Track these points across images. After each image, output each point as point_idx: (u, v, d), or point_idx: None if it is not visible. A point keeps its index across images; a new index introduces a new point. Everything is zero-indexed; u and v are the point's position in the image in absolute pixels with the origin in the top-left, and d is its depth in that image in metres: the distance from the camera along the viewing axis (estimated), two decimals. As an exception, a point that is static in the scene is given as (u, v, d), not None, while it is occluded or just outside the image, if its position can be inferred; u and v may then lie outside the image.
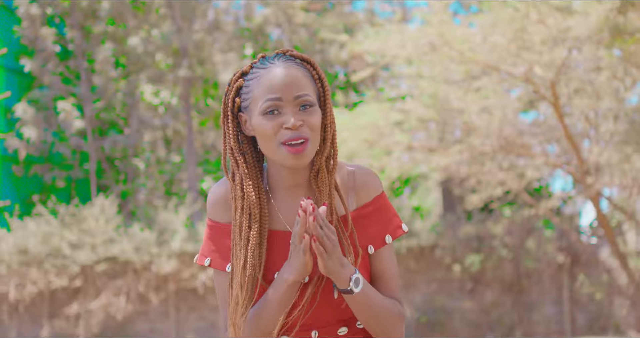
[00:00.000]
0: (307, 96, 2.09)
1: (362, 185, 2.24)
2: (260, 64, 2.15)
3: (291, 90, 2.08)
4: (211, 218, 2.24)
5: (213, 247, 2.23)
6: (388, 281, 2.26)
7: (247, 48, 19.24)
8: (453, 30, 9.80)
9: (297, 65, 2.14)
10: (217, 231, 2.23)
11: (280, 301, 2.11)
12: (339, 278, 2.09)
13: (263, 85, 2.09)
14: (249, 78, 2.15)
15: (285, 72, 2.10)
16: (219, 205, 2.22)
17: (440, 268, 13.61)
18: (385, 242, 2.24)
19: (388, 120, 11.28)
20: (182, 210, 13.85)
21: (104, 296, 13.09)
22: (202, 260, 2.24)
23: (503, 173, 11.46)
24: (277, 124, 2.07)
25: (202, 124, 19.61)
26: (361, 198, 2.24)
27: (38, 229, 13.09)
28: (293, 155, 2.07)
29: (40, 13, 15.61)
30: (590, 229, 13.94)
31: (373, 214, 2.24)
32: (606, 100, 9.62)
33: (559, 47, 8.79)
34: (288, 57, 2.16)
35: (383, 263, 2.25)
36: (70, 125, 15.34)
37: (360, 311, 2.15)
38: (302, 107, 2.09)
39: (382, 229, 2.24)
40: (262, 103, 2.08)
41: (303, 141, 2.08)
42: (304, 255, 2.06)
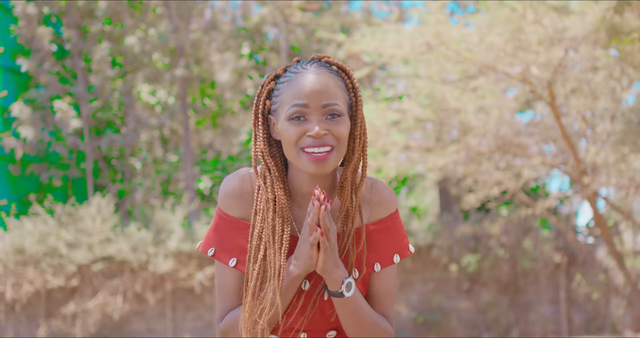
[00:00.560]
0: (335, 105, 2.06)
1: (379, 200, 2.22)
2: (293, 67, 2.13)
3: (319, 98, 2.05)
4: (222, 209, 2.23)
5: (219, 238, 2.23)
6: (383, 299, 2.24)
7: (244, 47, 19.23)
8: (450, 30, 9.79)
9: (331, 73, 2.11)
10: (226, 223, 2.22)
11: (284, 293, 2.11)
12: (331, 279, 2.08)
13: (292, 89, 2.07)
14: (281, 81, 2.13)
15: (315, 79, 2.07)
16: (233, 198, 2.21)
17: (437, 268, 13.62)
18: (394, 261, 2.23)
19: (385, 120, 11.27)
20: (179, 209, 13.84)
21: (101, 295, 13.07)
22: (205, 248, 2.24)
23: (500, 173, 11.46)
24: (301, 130, 2.05)
25: (199, 124, 19.59)
26: (376, 213, 2.22)
27: (34, 228, 13.08)
28: (314, 162, 2.04)
29: (36, 12, 15.59)
30: (587, 229, 13.95)
31: (385, 231, 2.23)
32: (603, 100, 9.62)
33: (556, 47, 8.79)
34: (323, 64, 2.13)
35: (383, 281, 2.24)
36: (67, 124, 15.32)
37: (347, 318, 2.13)
38: (330, 116, 2.06)
39: (391, 247, 2.24)
40: (289, 108, 2.06)
41: (329, 150, 2.05)
42: (311, 249, 2.04)
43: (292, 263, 2.09)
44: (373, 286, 2.23)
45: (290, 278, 2.09)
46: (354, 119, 2.13)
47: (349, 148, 2.14)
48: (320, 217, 2.01)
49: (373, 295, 2.23)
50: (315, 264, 2.07)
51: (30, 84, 16.06)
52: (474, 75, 10.94)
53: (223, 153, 19.38)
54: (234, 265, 2.18)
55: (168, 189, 18.40)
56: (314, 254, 2.04)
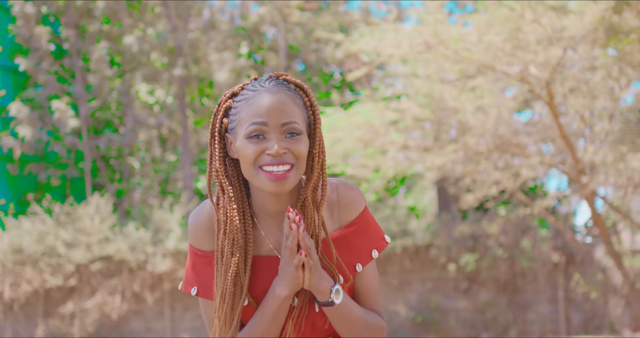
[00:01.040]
0: (294, 124, 2.04)
1: (346, 203, 2.20)
2: (251, 86, 2.10)
3: (278, 116, 2.02)
4: (195, 246, 2.19)
5: (198, 276, 2.20)
6: (370, 295, 2.24)
7: (243, 47, 19.23)
8: (448, 30, 9.79)
9: (289, 91, 2.08)
10: (201, 259, 2.19)
11: (274, 316, 2.10)
12: (319, 291, 2.07)
13: (250, 107, 2.04)
14: (238, 99, 2.09)
15: (274, 97, 2.04)
16: (201, 232, 2.17)
17: (435, 267, 13.62)
18: (372, 256, 2.22)
19: (383, 120, 11.27)
20: (178, 209, 13.83)
21: (99, 295, 13.07)
22: (188, 289, 2.21)
23: (498, 172, 11.47)
24: (259, 148, 2.02)
25: (198, 123, 19.59)
26: (346, 216, 2.21)
27: (33, 228, 13.07)
28: (273, 180, 2.02)
29: (35, 12, 15.58)
30: (585, 228, 13.95)
31: (359, 231, 2.22)
32: (601, 99, 9.63)
33: (554, 46, 8.80)
34: (281, 82, 2.10)
35: (366, 278, 2.23)
36: (65, 124, 15.31)
37: (341, 323, 2.13)
38: (289, 135, 2.04)
39: (368, 245, 2.23)
40: (247, 126, 2.03)
41: (288, 168, 2.03)
42: (296, 270, 2.04)
43: (278, 285, 2.08)
44: (358, 285, 2.23)
45: (280, 301, 2.08)
46: (313, 137, 2.10)
47: (308, 166, 2.11)
48: (300, 238, 2.01)
49: (360, 293, 2.23)
50: (302, 283, 2.07)
51: (28, 83, 16.05)
52: (473, 75, 10.94)
53: (221, 152, 19.34)
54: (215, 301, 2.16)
55: (166, 189, 18.39)
56: (299, 275, 2.04)
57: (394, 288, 13.54)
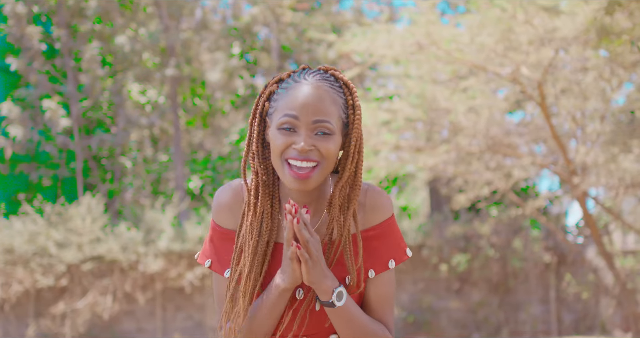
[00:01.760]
0: (326, 123, 2.02)
1: (373, 206, 2.18)
2: (297, 75, 2.09)
3: (312, 113, 2.01)
4: (215, 221, 2.20)
5: (214, 249, 2.20)
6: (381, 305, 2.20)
7: (235, 47, 19.21)
8: (440, 30, 9.80)
9: (331, 87, 2.06)
10: (220, 235, 2.20)
11: (272, 307, 2.10)
12: (320, 289, 2.06)
13: (288, 98, 2.04)
14: (283, 86, 2.09)
15: (312, 92, 2.02)
16: (224, 210, 2.18)
17: (427, 267, 13.63)
18: (388, 266, 2.19)
19: (375, 120, 11.27)
20: (169, 209, 13.81)
21: (91, 295, 13.04)
22: (202, 260, 2.21)
23: (490, 173, 11.48)
24: (288, 141, 2.02)
25: (190, 123, 19.56)
26: (370, 219, 2.18)
27: (24, 228, 13.03)
28: (295, 178, 2.02)
29: (26, 11, 15.53)
30: (576, 229, 13.98)
31: (380, 237, 2.19)
32: (593, 100, 9.64)
33: (546, 47, 8.81)
34: (326, 77, 2.09)
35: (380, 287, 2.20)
36: (57, 123, 15.27)
37: (341, 327, 2.11)
38: (320, 133, 2.02)
39: (387, 253, 2.20)
40: (281, 117, 2.03)
41: (313, 166, 2.02)
42: (291, 262, 2.03)
43: (279, 276, 2.07)
44: (369, 293, 2.20)
45: (278, 291, 2.07)
46: (350, 137, 2.08)
47: (341, 165, 2.10)
48: (295, 230, 1.99)
49: (369, 302, 2.20)
50: (300, 277, 2.05)
51: (19, 83, 16.00)
52: (465, 76, 10.95)
53: (213, 153, 19.35)
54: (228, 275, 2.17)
55: (158, 189, 18.36)
56: (295, 268, 2.02)
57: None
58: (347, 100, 2.09)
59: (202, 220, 13.76)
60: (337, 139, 2.05)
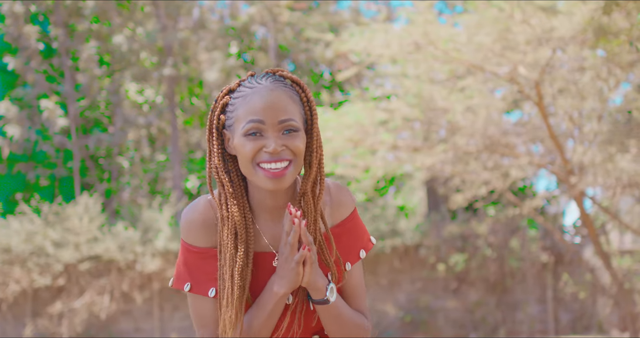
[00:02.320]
0: (291, 121, 2.04)
1: (338, 203, 2.22)
2: (248, 82, 2.10)
3: (275, 114, 2.03)
4: (188, 242, 2.18)
5: (191, 272, 2.18)
6: (356, 295, 2.25)
7: (232, 47, 19.21)
8: (438, 30, 9.80)
9: (285, 87, 2.08)
10: (195, 256, 2.18)
11: (270, 314, 2.11)
12: (316, 288, 2.09)
13: (248, 105, 2.04)
14: (235, 96, 2.10)
15: (271, 95, 2.04)
16: (195, 229, 2.16)
17: (425, 267, 13.63)
18: (360, 256, 2.24)
19: (373, 120, 11.27)
20: (167, 208, 13.81)
21: (88, 295, 13.04)
22: (179, 285, 2.19)
23: (487, 172, 11.48)
24: (257, 146, 2.03)
25: (187, 123, 19.56)
26: (336, 216, 2.22)
27: (21, 228, 13.02)
28: (271, 178, 2.03)
29: (24, 10, 15.52)
30: (574, 229, 13.99)
31: (349, 231, 2.23)
32: (590, 100, 9.64)
33: (543, 47, 8.81)
34: (277, 78, 2.10)
35: (353, 278, 2.24)
36: (54, 123, 15.26)
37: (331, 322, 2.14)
38: (286, 131, 2.04)
39: (356, 244, 2.24)
40: (245, 124, 2.03)
41: (286, 165, 2.04)
42: (297, 266, 2.04)
43: (276, 283, 2.08)
44: (345, 284, 2.24)
45: (277, 298, 2.08)
46: (310, 132, 2.11)
47: (306, 161, 2.12)
48: (302, 233, 2.01)
49: (347, 293, 2.24)
50: (301, 280, 2.07)
51: (17, 82, 15.99)
52: (462, 75, 10.95)
53: (211, 152, 19.32)
54: (213, 295, 2.15)
55: (155, 188, 18.36)
56: (300, 271, 2.04)
57: (383, 288, 13.55)
58: (301, 97, 2.12)
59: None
60: (303, 135, 2.08)
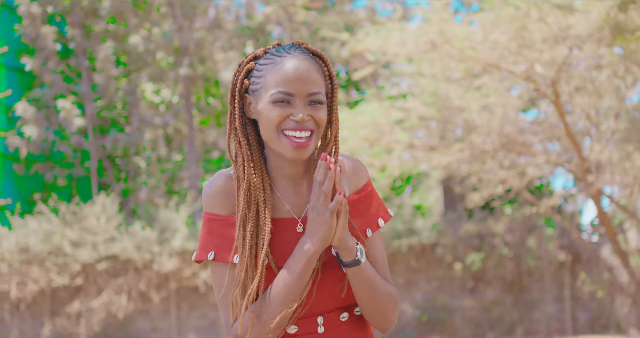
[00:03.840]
0: (319, 94, 2.11)
1: (352, 172, 2.26)
2: (275, 50, 2.16)
3: (306, 86, 2.09)
4: (210, 211, 2.21)
5: (215, 240, 2.20)
6: (381, 264, 2.26)
7: (248, 46, 19.23)
8: (454, 29, 9.79)
9: (311, 60, 2.15)
10: (217, 223, 2.20)
11: (300, 276, 2.08)
12: (347, 248, 2.09)
13: (278, 73, 2.09)
14: (263, 63, 2.15)
15: (301, 66, 2.10)
16: (218, 197, 2.20)
17: (441, 266, 13.61)
18: (379, 225, 2.26)
19: (389, 119, 11.27)
20: (183, 208, 13.85)
21: (105, 294, 13.09)
22: (203, 255, 2.20)
23: (504, 171, 11.46)
24: (285, 113, 2.08)
25: (203, 123, 19.60)
26: (353, 185, 2.25)
27: (39, 227, 13.09)
28: (295, 148, 2.08)
29: (41, 11, 15.60)
30: (591, 227, 13.94)
31: (366, 199, 2.26)
32: (607, 98, 9.61)
33: (560, 45, 8.78)
34: (303, 50, 2.17)
35: (375, 247, 2.26)
36: (71, 123, 15.33)
37: (363, 289, 2.14)
38: (312, 103, 2.10)
39: (375, 213, 2.27)
40: (275, 93, 2.08)
41: (309, 135, 2.09)
42: (331, 217, 2.04)
43: (308, 241, 2.06)
44: (368, 254, 2.24)
45: (308, 257, 2.06)
46: (330, 105, 2.18)
47: (324, 133, 2.19)
48: (337, 180, 2.03)
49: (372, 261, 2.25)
50: (333, 235, 2.06)
51: (34, 83, 16.08)
52: (478, 74, 10.93)
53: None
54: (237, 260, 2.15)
55: (172, 188, 18.42)
56: (334, 223, 2.04)
57: (400, 287, 13.54)
58: (324, 71, 2.18)
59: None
60: (326, 108, 2.15)
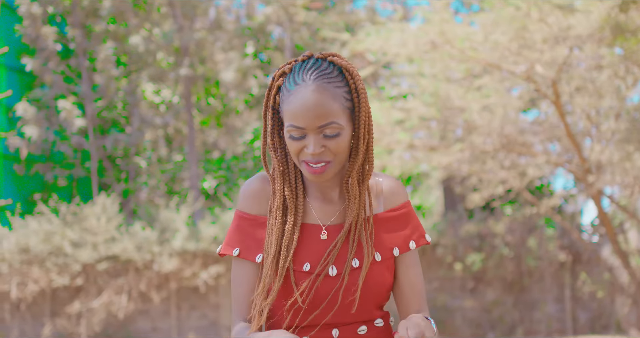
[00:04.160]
0: (331, 124, 2.04)
1: (389, 190, 2.25)
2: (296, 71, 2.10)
3: (315, 121, 2.03)
4: (242, 210, 2.24)
5: (242, 237, 2.23)
6: (418, 294, 2.25)
7: (249, 46, 19.24)
8: (454, 29, 9.79)
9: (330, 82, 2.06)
10: (247, 222, 2.23)
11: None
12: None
13: (291, 106, 2.05)
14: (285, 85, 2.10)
15: (310, 99, 2.03)
16: (252, 198, 2.23)
17: (442, 266, 13.61)
18: (410, 247, 2.22)
19: (389, 119, 11.27)
20: (184, 208, 13.85)
21: (106, 295, 13.09)
22: (228, 250, 2.22)
23: (504, 171, 11.46)
24: (299, 146, 2.07)
25: (204, 123, 19.61)
26: (389, 202, 2.25)
27: (39, 228, 13.09)
28: (312, 174, 2.09)
29: (41, 12, 15.61)
30: (591, 227, 13.94)
31: (401, 218, 2.25)
32: (607, 98, 9.61)
33: (560, 45, 8.78)
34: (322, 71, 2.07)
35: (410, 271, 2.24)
36: (72, 123, 15.34)
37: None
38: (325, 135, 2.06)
39: (407, 234, 2.24)
40: (289, 126, 2.07)
41: (325, 164, 2.08)
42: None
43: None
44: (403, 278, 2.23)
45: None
46: (358, 119, 2.10)
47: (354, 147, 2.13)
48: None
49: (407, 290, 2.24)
50: None
51: (34, 83, 16.08)
52: (479, 74, 10.94)
53: (227, 152, 19.39)
54: (260, 261, 2.19)
55: (173, 188, 18.42)
56: None
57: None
58: (350, 85, 2.10)
59: (216, 219, 13.79)
60: (346, 133, 2.09)
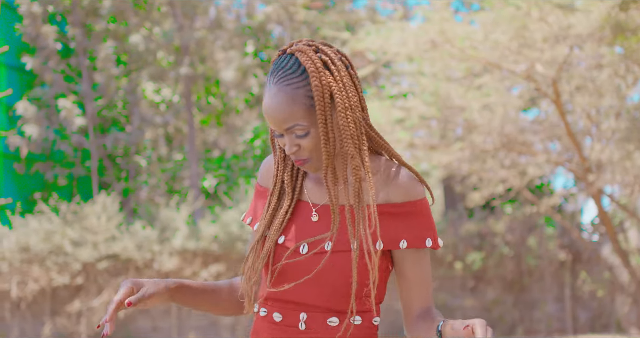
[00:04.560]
0: (295, 127, 2.03)
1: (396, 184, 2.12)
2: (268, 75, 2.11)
3: (281, 125, 2.05)
4: (258, 181, 2.35)
5: (255, 207, 2.33)
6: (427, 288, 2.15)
7: (249, 46, 19.24)
8: (454, 28, 9.79)
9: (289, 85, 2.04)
10: (258, 193, 2.33)
11: None
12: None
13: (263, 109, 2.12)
14: None
15: (272, 103, 2.04)
16: (265, 170, 2.32)
17: (442, 265, 13.61)
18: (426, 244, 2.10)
19: (389, 118, 11.27)
20: (184, 207, 13.85)
21: (106, 293, 13.10)
22: (245, 218, 2.34)
23: (504, 170, 11.46)
24: (280, 144, 2.14)
25: (204, 122, 19.61)
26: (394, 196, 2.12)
27: (40, 227, 13.10)
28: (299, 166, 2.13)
29: (41, 11, 15.60)
30: (592, 227, 13.94)
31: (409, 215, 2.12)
32: (608, 97, 9.61)
33: (561, 44, 8.78)
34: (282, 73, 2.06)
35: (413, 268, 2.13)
36: (72, 122, 15.34)
37: None
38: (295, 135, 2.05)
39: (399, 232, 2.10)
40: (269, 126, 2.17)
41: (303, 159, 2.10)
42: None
43: None
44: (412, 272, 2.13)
45: None
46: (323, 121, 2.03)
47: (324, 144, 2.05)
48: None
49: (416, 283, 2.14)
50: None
51: (35, 82, 16.08)
52: (479, 73, 10.94)
53: (228, 151, 19.39)
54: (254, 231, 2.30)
55: (173, 187, 18.42)
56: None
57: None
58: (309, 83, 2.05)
59: (216, 218, 13.79)
60: (314, 132, 2.05)
